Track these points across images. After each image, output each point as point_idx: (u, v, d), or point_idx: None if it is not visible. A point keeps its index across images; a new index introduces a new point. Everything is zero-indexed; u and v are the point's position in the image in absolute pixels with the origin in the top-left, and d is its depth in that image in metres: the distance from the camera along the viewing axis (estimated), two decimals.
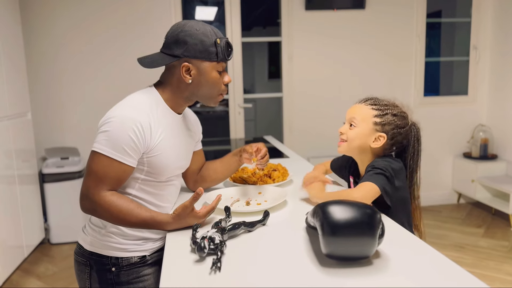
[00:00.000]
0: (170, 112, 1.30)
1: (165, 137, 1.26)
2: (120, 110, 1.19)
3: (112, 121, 1.16)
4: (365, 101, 1.39)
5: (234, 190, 1.52)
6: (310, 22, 3.85)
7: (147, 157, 1.23)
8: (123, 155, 1.16)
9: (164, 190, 1.33)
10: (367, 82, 4.00)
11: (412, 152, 1.38)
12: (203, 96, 1.30)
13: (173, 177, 1.37)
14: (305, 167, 1.98)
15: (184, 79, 1.24)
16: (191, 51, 1.21)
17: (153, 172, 1.26)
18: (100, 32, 3.58)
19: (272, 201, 1.41)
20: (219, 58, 1.24)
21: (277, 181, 1.63)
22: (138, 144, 1.17)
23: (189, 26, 1.22)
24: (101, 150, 1.15)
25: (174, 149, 1.30)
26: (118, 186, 1.20)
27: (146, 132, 1.18)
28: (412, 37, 4.00)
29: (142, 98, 1.24)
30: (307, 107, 3.96)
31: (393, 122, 1.34)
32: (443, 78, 4.91)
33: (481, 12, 4.05)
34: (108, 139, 1.15)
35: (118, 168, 1.17)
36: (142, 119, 1.18)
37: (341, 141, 1.40)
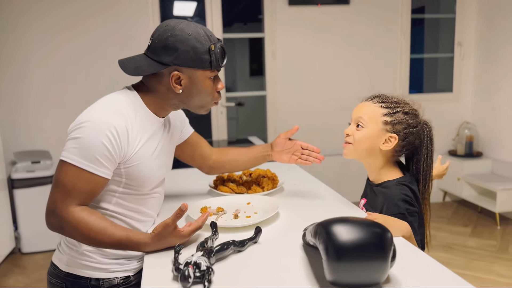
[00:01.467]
0: (152, 116, 1.15)
1: (145, 144, 1.11)
2: (93, 113, 1.04)
3: (83, 126, 1.01)
4: (372, 99, 1.26)
5: (220, 201, 1.38)
6: (294, 17, 3.73)
7: (124, 167, 1.08)
8: (95, 165, 1.01)
9: (146, 203, 1.19)
10: (352, 78, 3.91)
11: (425, 154, 1.26)
12: (194, 106, 1.18)
13: (157, 186, 1.22)
14: (294, 171, 1.86)
15: (174, 89, 1.11)
16: (182, 59, 1.07)
17: (133, 184, 1.12)
18: (72, 31, 3.37)
19: (263, 213, 1.27)
20: (213, 66, 1.11)
21: (267, 189, 1.49)
22: (113, 153, 1.03)
23: (180, 30, 1.07)
24: (70, 160, 1.01)
25: (155, 157, 1.16)
26: (89, 200, 1.05)
27: (122, 139, 1.04)
28: (397, 33, 3.93)
29: (118, 100, 1.10)
30: (291, 106, 3.84)
31: (404, 121, 1.22)
32: (427, 75, 4.87)
33: (466, 8, 4.00)
34: (78, 147, 1.00)
35: (90, 180, 1.02)
36: (118, 124, 1.03)
37: (346, 144, 1.27)
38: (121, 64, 1.12)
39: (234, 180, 1.57)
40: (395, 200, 1.19)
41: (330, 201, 1.42)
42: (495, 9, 3.77)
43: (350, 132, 1.26)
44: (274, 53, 3.74)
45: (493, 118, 3.89)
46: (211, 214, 1.12)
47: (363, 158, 1.29)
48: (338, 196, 1.46)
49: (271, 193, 1.50)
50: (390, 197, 1.21)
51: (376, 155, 1.25)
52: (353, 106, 1.32)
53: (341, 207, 1.35)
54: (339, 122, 3.90)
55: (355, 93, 3.91)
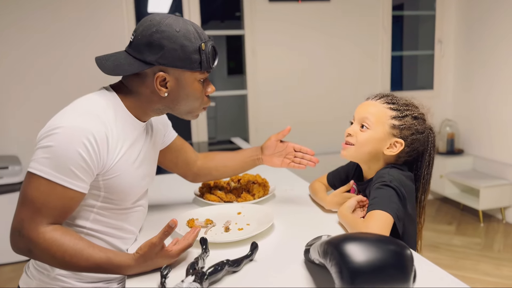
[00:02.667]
0: (133, 120, 1.02)
1: (127, 152, 0.99)
2: (66, 118, 0.90)
3: (55, 133, 0.88)
4: (380, 98, 1.16)
5: (208, 211, 1.26)
6: (274, 14, 3.63)
7: (103, 179, 0.95)
8: (69, 178, 0.88)
9: (128, 219, 1.06)
10: (334, 76, 3.84)
11: (428, 161, 1.18)
12: (181, 111, 1.05)
13: (140, 199, 1.10)
14: (284, 174, 1.75)
15: (159, 91, 0.98)
16: (169, 59, 0.95)
17: (113, 198, 0.99)
18: (41, 28, 3.16)
19: (256, 224, 1.16)
20: (203, 67, 0.99)
21: (258, 196, 1.38)
22: (90, 163, 0.90)
23: (167, 25, 0.95)
24: (40, 172, 0.87)
25: (138, 166, 1.03)
26: (63, 218, 0.92)
27: (101, 147, 0.91)
28: (378, 30, 3.88)
29: (96, 102, 0.96)
30: (273, 104, 3.74)
31: (412, 127, 1.13)
32: (407, 73, 4.86)
33: (445, 5, 3.99)
34: (49, 156, 0.87)
35: (63, 195, 0.89)
36: (96, 130, 0.90)
37: (347, 144, 1.17)
38: (99, 61, 0.99)
39: (222, 187, 1.45)
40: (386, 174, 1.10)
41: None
42: (475, 6, 3.77)
43: (353, 132, 1.17)
44: (255, 50, 3.63)
45: (474, 115, 3.89)
46: (199, 227, 1.01)
47: (363, 161, 1.20)
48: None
49: (262, 200, 1.39)
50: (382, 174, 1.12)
51: (377, 159, 1.17)
52: (335, 103, 1.22)
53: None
54: (322, 120, 3.83)
55: (337, 91, 3.90)
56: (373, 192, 1.08)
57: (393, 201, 1.03)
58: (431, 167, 1.19)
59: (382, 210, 1.01)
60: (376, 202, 1.03)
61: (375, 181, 1.11)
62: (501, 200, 3.49)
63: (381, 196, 1.05)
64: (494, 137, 3.68)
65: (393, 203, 1.03)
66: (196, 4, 3.50)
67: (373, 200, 1.05)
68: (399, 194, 1.05)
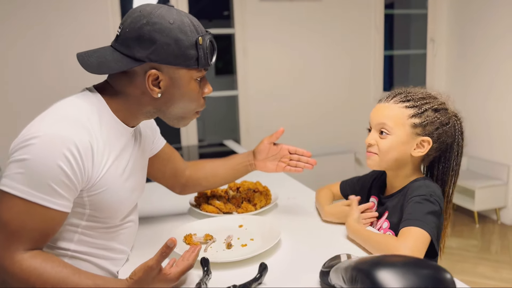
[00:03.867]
0: (120, 126, 0.91)
1: (114, 163, 0.87)
2: (44, 125, 0.78)
3: (32, 144, 0.75)
4: (393, 98, 1.07)
5: (206, 224, 1.15)
6: (265, 13, 3.52)
7: (88, 195, 0.83)
8: (49, 195, 0.76)
9: (117, 237, 0.94)
10: (326, 75, 3.76)
11: (456, 151, 1.08)
12: (173, 115, 0.93)
13: (129, 214, 0.98)
14: (285, 181, 1.65)
15: (151, 92, 0.87)
16: (162, 54, 0.84)
17: (100, 215, 0.87)
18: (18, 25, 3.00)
19: (261, 240, 1.05)
20: (201, 64, 0.87)
21: (260, 206, 1.27)
22: (73, 178, 0.78)
23: (159, 17, 0.83)
24: (14, 190, 0.75)
25: (126, 178, 0.91)
26: (43, 242, 0.80)
27: (85, 158, 0.79)
28: (370, 29, 3.81)
29: (77, 106, 0.84)
30: (264, 105, 3.64)
31: (436, 120, 1.03)
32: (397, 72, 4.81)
33: (438, 3, 3.94)
34: (25, 172, 0.75)
35: (43, 216, 0.77)
36: (79, 139, 0.78)
37: (370, 154, 1.08)
38: (81, 58, 0.87)
39: (220, 196, 1.34)
40: (423, 186, 1.03)
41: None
42: (468, 3, 3.72)
43: (373, 141, 1.07)
44: (246, 49, 3.52)
45: (467, 115, 3.82)
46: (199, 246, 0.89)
47: (391, 169, 1.10)
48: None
49: (264, 211, 1.28)
50: (418, 186, 1.04)
51: (406, 163, 1.07)
52: (328, 102, 1.12)
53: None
54: (315, 120, 3.75)
55: (330, 90, 3.82)
56: (409, 206, 0.98)
57: (432, 218, 0.94)
58: (460, 157, 1.10)
59: (419, 227, 0.91)
60: (412, 218, 0.94)
61: (411, 194, 1.01)
62: (496, 200, 3.45)
63: (419, 211, 0.95)
64: (488, 137, 3.64)
65: (432, 221, 0.94)
66: (184, 3, 3.38)
67: (409, 215, 0.95)
68: (438, 210, 0.96)
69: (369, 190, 1.22)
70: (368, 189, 1.23)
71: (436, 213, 0.97)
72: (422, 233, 0.91)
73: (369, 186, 1.23)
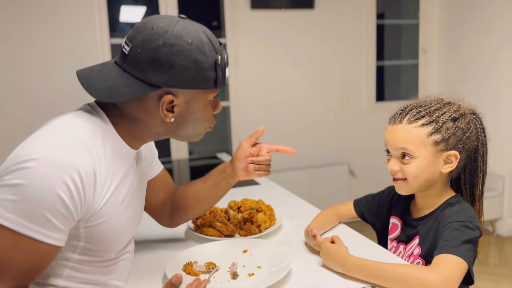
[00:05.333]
0: (125, 148, 0.81)
1: (116, 190, 0.77)
2: (43, 146, 0.68)
3: (28, 168, 0.65)
4: (406, 116, 0.98)
5: (207, 250, 1.05)
6: (257, 22, 3.47)
7: (85, 226, 0.73)
8: (43, 228, 0.66)
9: (113, 271, 0.84)
10: (319, 86, 3.71)
11: (482, 150, 1.01)
12: (185, 136, 0.85)
13: (127, 245, 0.88)
14: (286, 198, 1.55)
15: (164, 117, 0.78)
16: (180, 79, 0.75)
17: (95, 248, 0.77)
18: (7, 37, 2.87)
19: (269, 268, 0.95)
20: (218, 85, 0.80)
21: (264, 228, 1.17)
22: (72, 209, 0.68)
23: (176, 36, 0.74)
24: (3, 219, 0.64)
25: (126, 206, 0.81)
26: (29, 280, 0.69)
27: (87, 187, 0.69)
28: (362, 39, 3.78)
29: (79, 125, 0.74)
30: (256, 116, 3.55)
31: (457, 131, 0.96)
32: (388, 83, 4.78)
33: (429, 13, 3.94)
34: (18, 200, 0.64)
35: (32, 249, 0.66)
36: (82, 163, 0.69)
37: (398, 181, 0.99)
38: (84, 81, 0.76)
39: (220, 216, 1.23)
40: (461, 211, 0.95)
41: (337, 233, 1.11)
42: (459, 14, 3.72)
43: (396, 167, 0.98)
44: (237, 59, 3.45)
45: None
46: (206, 281, 0.79)
47: (423, 190, 1.02)
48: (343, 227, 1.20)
49: (269, 233, 1.18)
50: (456, 211, 0.96)
51: (435, 181, 1.00)
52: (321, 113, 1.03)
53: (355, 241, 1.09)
54: (308, 131, 3.68)
55: (323, 101, 3.75)
56: (446, 232, 0.90)
57: (471, 246, 0.86)
58: (486, 155, 1.03)
59: (457, 255, 0.83)
60: (450, 245, 0.86)
61: (448, 219, 0.93)
62: (492, 212, 3.41)
63: (457, 238, 0.87)
64: None
65: (470, 249, 0.86)
66: (174, 12, 3.29)
67: (446, 242, 0.87)
68: (477, 236, 0.88)
69: (388, 210, 1.14)
70: (387, 208, 1.14)
71: (475, 239, 0.90)
72: (459, 261, 0.83)
73: (388, 205, 1.14)
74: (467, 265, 0.84)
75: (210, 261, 0.99)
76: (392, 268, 0.86)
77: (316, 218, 1.17)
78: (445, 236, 0.89)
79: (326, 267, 0.97)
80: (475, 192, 1.04)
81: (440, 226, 0.95)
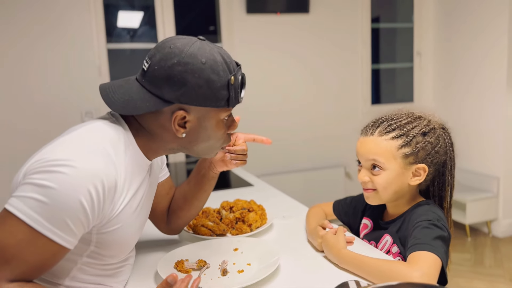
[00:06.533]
0: (142, 159, 0.85)
1: (131, 200, 0.81)
2: (77, 154, 0.71)
3: (61, 173, 0.68)
4: (377, 129, 1.01)
5: (199, 248, 1.07)
6: (252, 26, 3.50)
7: (98, 232, 0.77)
8: (61, 231, 0.69)
9: (116, 275, 0.87)
10: (314, 90, 3.74)
11: (450, 165, 1.04)
12: (198, 152, 0.89)
13: (132, 251, 0.92)
14: (279, 198, 1.58)
15: (175, 132, 0.82)
16: (192, 96, 0.79)
17: (104, 253, 0.80)
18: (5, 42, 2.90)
19: (258, 264, 0.98)
20: (231, 104, 0.83)
21: (255, 227, 1.20)
22: (90, 216, 0.71)
23: (191, 56, 0.78)
24: (25, 216, 0.67)
25: (137, 215, 0.85)
26: (34, 276, 0.72)
27: (107, 197, 0.73)
28: (357, 43, 3.81)
29: (106, 135, 0.78)
30: (252, 119, 3.58)
31: (426, 145, 0.98)
32: (384, 86, 4.82)
33: (423, 17, 3.98)
34: (45, 201, 0.67)
35: (45, 248, 0.69)
36: (106, 174, 0.72)
37: (368, 190, 1.02)
38: (105, 94, 0.81)
39: (212, 216, 1.26)
40: (429, 211, 0.98)
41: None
42: (453, 17, 3.76)
43: (366, 178, 1.01)
44: None
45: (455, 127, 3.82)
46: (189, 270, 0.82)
47: (392, 201, 1.05)
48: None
49: (260, 232, 1.21)
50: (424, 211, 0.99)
51: (404, 192, 1.03)
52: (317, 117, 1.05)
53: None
54: (304, 135, 3.71)
55: (319, 104, 3.78)
56: (416, 231, 0.93)
57: (441, 244, 0.89)
58: (454, 169, 1.05)
59: (430, 252, 0.85)
60: (421, 243, 0.88)
61: (417, 219, 0.96)
62: (487, 213, 3.44)
63: (427, 236, 0.90)
64: (477, 149, 3.64)
65: (441, 246, 0.88)
66: (170, 17, 3.33)
67: (417, 240, 0.89)
68: (446, 235, 0.91)
69: (362, 212, 1.17)
70: (361, 211, 1.17)
71: (445, 238, 0.92)
72: (433, 258, 0.85)
73: (363, 208, 1.17)
74: (441, 261, 0.86)
75: (201, 258, 1.01)
76: (378, 263, 0.89)
77: (312, 217, 1.20)
78: (415, 235, 0.92)
79: (314, 263, 1.00)
80: (443, 205, 1.06)
81: (409, 225, 0.97)
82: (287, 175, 3.59)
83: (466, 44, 3.63)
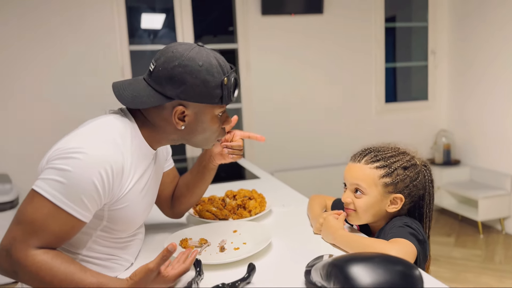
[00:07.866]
0: (146, 148, 1.00)
1: (137, 182, 0.96)
2: (90, 143, 0.87)
3: (76, 158, 0.84)
4: (364, 157, 1.12)
5: (202, 229, 1.21)
6: (267, 27, 3.61)
7: (109, 209, 0.92)
8: (77, 206, 0.84)
9: (126, 248, 1.02)
10: (328, 89, 3.82)
11: (428, 199, 1.14)
12: (196, 143, 1.04)
13: (139, 227, 1.07)
14: (282, 190, 1.70)
15: (176, 124, 0.96)
16: (190, 93, 0.93)
17: (115, 228, 0.96)
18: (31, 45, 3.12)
19: (253, 244, 1.11)
20: (224, 101, 0.97)
21: (254, 213, 1.33)
22: (102, 194, 0.87)
23: (190, 59, 0.92)
24: (48, 194, 0.83)
25: (143, 196, 1.00)
26: (57, 245, 0.87)
27: (116, 179, 0.88)
28: (371, 42, 3.88)
29: (117, 128, 0.94)
30: (267, 118, 3.70)
31: (406, 178, 1.09)
32: (400, 84, 4.85)
33: (437, 16, 4.01)
34: (64, 182, 0.83)
35: (65, 221, 0.84)
36: (114, 160, 0.88)
37: (349, 210, 1.13)
38: (116, 90, 0.96)
39: (217, 203, 1.39)
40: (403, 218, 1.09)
41: None
42: (467, 16, 3.78)
43: (349, 199, 1.12)
44: (249, 64, 3.61)
45: (469, 125, 3.88)
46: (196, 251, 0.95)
47: (369, 222, 1.16)
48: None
49: (259, 217, 1.33)
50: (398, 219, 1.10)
51: (382, 217, 1.13)
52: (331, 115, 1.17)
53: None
54: (318, 132, 3.80)
55: (332, 103, 3.88)
56: (392, 231, 1.03)
57: (415, 240, 0.99)
58: (432, 203, 1.15)
59: (406, 239, 0.96)
60: (399, 234, 0.99)
61: (393, 223, 1.08)
62: (500, 210, 3.45)
63: (402, 232, 1.01)
64: (491, 146, 3.66)
65: (415, 241, 0.99)
66: (189, 20, 3.48)
67: (394, 235, 1.00)
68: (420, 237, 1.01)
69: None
70: None
71: (418, 237, 1.01)
72: (410, 245, 0.95)
73: None
74: (416, 250, 0.96)
75: (203, 237, 1.15)
76: (364, 241, 1.02)
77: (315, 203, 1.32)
78: (392, 233, 1.02)
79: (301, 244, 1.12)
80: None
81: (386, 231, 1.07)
82: (300, 171, 3.70)
83: (480, 43, 3.65)
